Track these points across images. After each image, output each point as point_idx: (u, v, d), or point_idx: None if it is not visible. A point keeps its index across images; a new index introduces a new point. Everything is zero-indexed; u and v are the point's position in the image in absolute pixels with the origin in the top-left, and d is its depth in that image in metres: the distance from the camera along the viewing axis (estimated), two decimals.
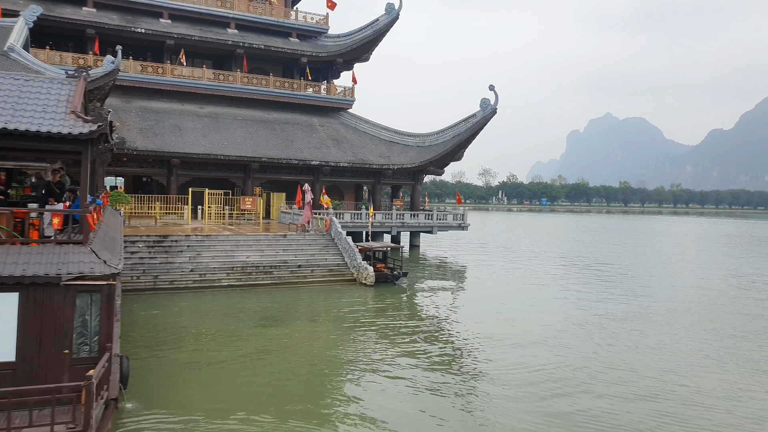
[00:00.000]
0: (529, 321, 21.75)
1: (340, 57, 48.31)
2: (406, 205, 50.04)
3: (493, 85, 43.96)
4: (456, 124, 45.76)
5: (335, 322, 20.96)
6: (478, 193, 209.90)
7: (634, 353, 17.37)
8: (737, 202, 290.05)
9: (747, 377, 15.27)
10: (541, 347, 17.85)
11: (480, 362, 16.20)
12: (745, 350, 18.13)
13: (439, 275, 34.23)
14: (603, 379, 14.79)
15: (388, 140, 48.13)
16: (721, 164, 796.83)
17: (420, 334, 19.30)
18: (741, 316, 23.72)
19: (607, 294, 28.31)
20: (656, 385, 14.38)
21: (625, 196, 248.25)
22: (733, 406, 13.19)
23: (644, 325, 21.35)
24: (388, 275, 28.88)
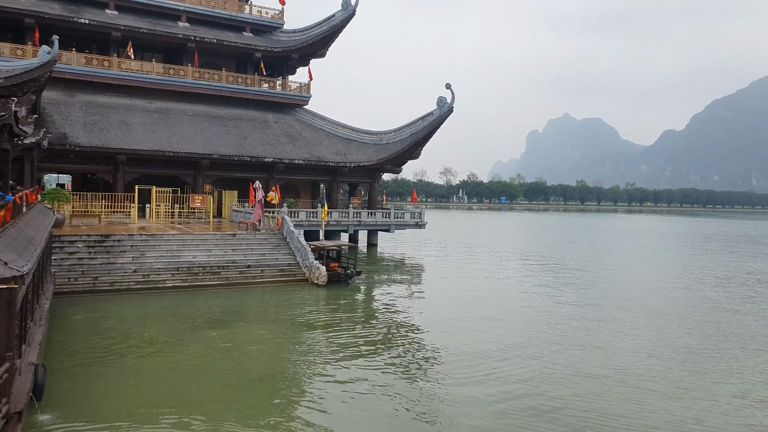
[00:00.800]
0: (481, 320, 21.51)
1: (295, 52, 47.43)
2: (364, 204, 49.53)
3: (449, 84, 43.79)
4: (413, 122, 45.45)
5: (283, 323, 20.30)
6: (439, 192, 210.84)
7: (579, 352, 17.27)
8: (688, 200, 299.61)
9: (689, 376, 15.29)
10: (492, 347, 17.60)
11: (432, 362, 15.83)
12: (689, 348, 18.25)
13: (395, 274, 33.84)
14: (548, 380, 14.59)
15: (345, 138, 47.51)
16: (673, 164, 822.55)
17: (372, 334, 18.84)
18: (688, 313, 24.03)
19: (560, 292, 28.38)
20: (596, 385, 14.25)
21: (581, 195, 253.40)
22: (673, 406, 13.12)
23: (592, 323, 21.37)
24: (341, 275, 28.31)
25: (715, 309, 24.92)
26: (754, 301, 27.41)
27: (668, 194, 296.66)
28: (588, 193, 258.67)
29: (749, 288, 31.53)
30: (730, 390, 14.26)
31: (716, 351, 17.89)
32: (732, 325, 21.66)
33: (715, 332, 20.45)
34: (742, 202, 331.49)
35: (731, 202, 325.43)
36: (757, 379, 15.20)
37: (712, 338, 19.55)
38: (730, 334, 20.30)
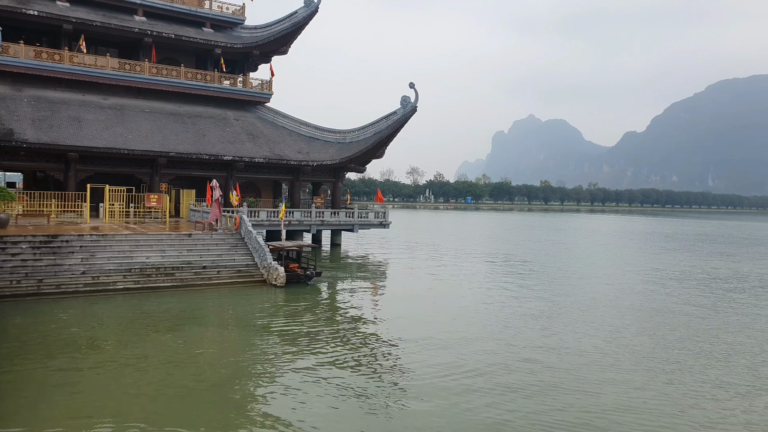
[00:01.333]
0: (441, 320, 21.27)
1: (257, 49, 46.56)
2: (327, 203, 48.94)
3: (413, 83, 43.59)
4: (377, 121, 45.11)
5: (237, 326, 19.68)
6: (405, 192, 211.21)
7: (532, 353, 17.15)
8: (648, 200, 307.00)
9: (641, 375, 15.27)
10: (452, 345, 17.34)
11: (391, 363, 15.46)
12: (642, 348, 18.31)
13: (357, 274, 33.43)
14: (502, 382, 14.39)
15: (308, 136, 46.86)
16: (634, 165, 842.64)
17: (330, 336, 18.38)
18: (646, 312, 24.23)
19: (521, 291, 28.37)
20: (548, 388, 14.12)
21: (545, 195, 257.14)
22: (626, 408, 13.04)
23: (550, 322, 21.33)
24: (300, 275, 27.75)
25: (671, 307, 25.22)
26: (710, 299, 27.87)
27: (629, 194, 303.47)
28: (552, 193, 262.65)
29: (706, 286, 32.10)
30: (680, 389, 14.27)
31: (669, 349, 17.99)
32: (686, 324, 21.90)
33: (669, 331, 20.63)
34: (699, 202, 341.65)
35: (689, 202, 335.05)
36: (707, 377, 15.28)
37: (667, 337, 19.68)
38: (684, 332, 20.49)
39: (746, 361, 16.89)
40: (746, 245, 66.03)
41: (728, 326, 21.71)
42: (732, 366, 16.40)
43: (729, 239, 76.33)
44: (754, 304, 26.72)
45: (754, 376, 15.48)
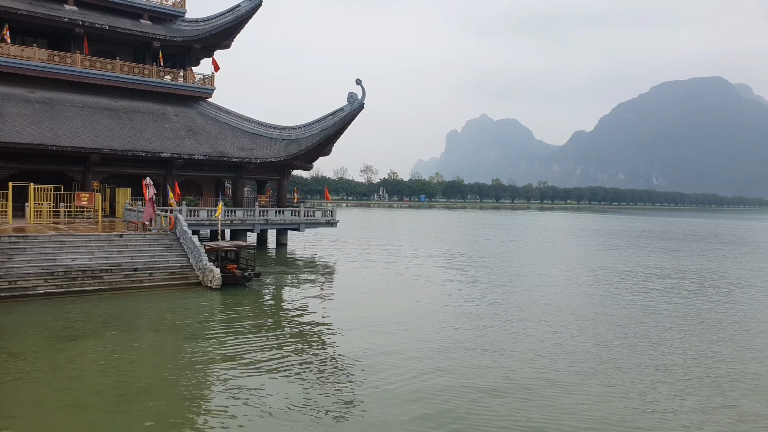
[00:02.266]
0: (383, 320, 20.69)
1: (198, 43, 44.97)
2: (273, 202, 47.79)
3: (359, 80, 43.02)
4: (323, 118, 44.29)
5: (164, 331, 18.60)
6: (359, 190, 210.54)
7: (468, 354, 16.78)
8: (595, 197, 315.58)
9: (573, 377, 15.05)
10: (391, 346, 16.77)
11: (327, 369, 14.74)
12: (578, 347, 18.18)
13: (300, 275, 32.50)
14: (438, 384, 13.91)
15: (252, 132, 45.58)
16: (583, 163, 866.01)
17: (264, 341, 17.50)
18: (585, 311, 24.26)
19: (464, 290, 28.10)
20: (478, 390, 13.74)
21: (496, 193, 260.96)
22: (556, 410, 12.74)
23: (488, 322, 21.05)
24: (237, 277, 26.70)
25: (611, 306, 25.36)
26: (650, 297, 28.23)
27: (578, 192, 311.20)
28: (503, 191, 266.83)
29: (646, 284, 32.60)
30: (615, 391, 14.09)
31: (605, 348, 17.90)
32: (624, 323, 21.97)
33: (608, 330, 20.61)
34: (644, 200, 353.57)
35: (634, 199, 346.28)
36: (640, 377, 15.17)
37: (605, 336, 19.64)
38: (621, 331, 20.52)
39: (680, 360, 16.93)
40: (688, 241, 68.11)
41: (665, 324, 21.90)
42: (666, 365, 16.38)
43: (672, 235, 78.69)
44: (692, 301, 27.19)
45: (687, 376, 15.47)
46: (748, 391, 14.20)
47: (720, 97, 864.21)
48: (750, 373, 15.76)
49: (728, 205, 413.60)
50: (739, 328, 21.18)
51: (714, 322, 22.19)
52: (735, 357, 17.29)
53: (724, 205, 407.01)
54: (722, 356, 17.27)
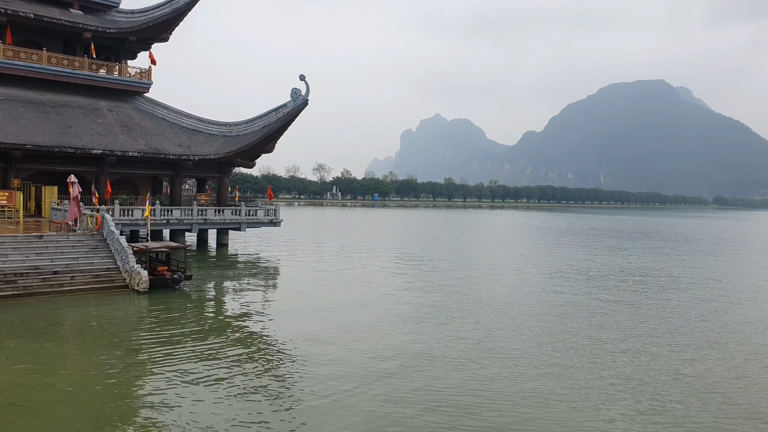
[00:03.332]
0: (320, 325, 19.95)
1: (133, 35, 43.02)
2: (214, 200, 46.27)
3: (303, 75, 42.04)
4: (266, 114, 43.10)
5: (79, 339, 17.38)
6: (312, 189, 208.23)
7: (407, 356, 16.28)
8: (545, 196, 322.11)
9: (505, 381, 14.71)
10: (318, 360, 16.04)
11: (262, 376, 13.90)
12: (511, 351, 17.91)
13: (238, 276, 31.38)
14: (378, 387, 13.30)
15: (191, 129, 43.97)
16: (533, 163, 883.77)
17: (188, 348, 16.52)
18: (524, 312, 24.12)
19: (404, 292, 27.64)
20: (408, 396, 13.21)
21: (449, 192, 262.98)
22: (479, 417, 12.31)
23: (421, 326, 20.61)
24: (167, 279, 25.45)
25: (551, 306, 25.33)
26: (591, 297, 28.39)
27: (527, 191, 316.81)
28: (455, 190, 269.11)
29: (588, 284, 32.89)
30: (541, 398, 13.78)
31: (539, 352, 17.68)
32: (559, 325, 21.90)
33: (544, 332, 20.46)
34: (591, 198, 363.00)
35: (582, 198, 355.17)
36: (570, 382, 14.94)
37: (540, 338, 19.46)
38: (557, 333, 20.40)
39: (611, 362, 16.83)
40: (634, 239, 69.74)
41: (601, 325, 21.92)
42: (595, 368, 16.24)
43: (617, 233, 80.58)
44: (633, 301, 27.46)
45: (620, 378, 15.33)
46: (684, 397, 14.13)
47: (663, 99, 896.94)
48: (686, 375, 15.76)
49: (670, 203, 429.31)
50: (678, 328, 21.39)
51: (650, 318, 22.38)
52: (671, 358, 17.32)
53: (667, 204, 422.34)
54: (656, 355, 17.29)
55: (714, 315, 23.61)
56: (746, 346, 18.65)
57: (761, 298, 28.43)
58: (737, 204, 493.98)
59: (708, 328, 21.04)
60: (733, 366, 16.36)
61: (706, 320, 22.49)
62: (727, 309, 25.04)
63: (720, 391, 14.09)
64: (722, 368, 16.04)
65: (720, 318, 23.05)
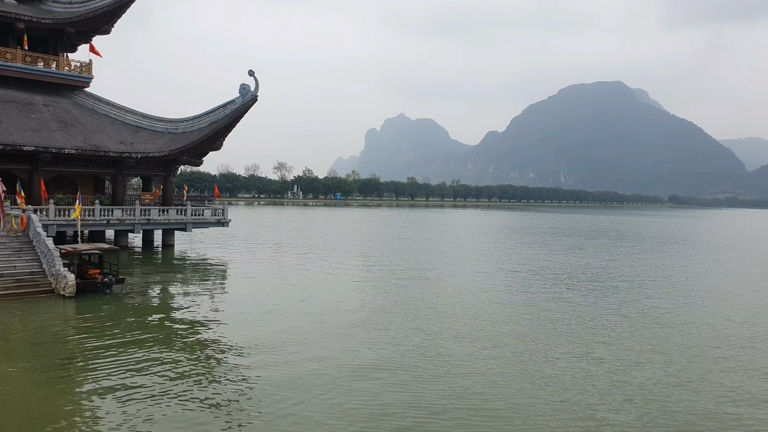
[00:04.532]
0: (259, 327, 18.99)
1: (72, 26, 41.03)
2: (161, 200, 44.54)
3: (252, 71, 40.81)
4: (213, 110, 41.66)
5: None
6: (272, 188, 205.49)
7: (346, 356, 15.51)
8: (505, 195, 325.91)
9: (432, 399, 14.08)
10: (264, 354, 15.11)
11: (194, 387, 12.87)
12: (448, 359, 17.33)
13: (180, 278, 30.03)
14: (326, 398, 12.47)
15: (135, 125, 42.23)
16: (495, 162, 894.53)
17: (112, 359, 15.35)
18: (468, 314, 23.64)
19: (349, 295, 26.85)
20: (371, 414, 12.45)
21: (412, 191, 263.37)
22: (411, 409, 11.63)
23: (364, 332, 19.87)
24: (97, 283, 24.06)
25: (499, 308, 24.92)
26: (543, 298, 28.11)
27: (489, 190, 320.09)
28: (418, 190, 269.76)
29: (542, 284, 32.67)
30: (470, 410, 13.18)
31: (480, 358, 17.15)
32: (501, 330, 21.46)
33: (484, 337, 19.96)
34: (551, 197, 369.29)
35: (542, 197, 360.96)
36: (505, 393, 14.39)
37: (483, 344, 18.95)
38: (501, 339, 19.93)
39: (550, 370, 16.38)
40: (590, 237, 70.42)
41: (545, 329, 21.57)
42: (528, 371, 15.77)
43: (575, 232, 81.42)
44: (582, 301, 27.26)
45: (560, 384, 14.86)
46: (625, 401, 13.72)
47: (621, 100, 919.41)
48: (625, 383, 15.40)
49: (627, 202, 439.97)
50: (623, 330, 21.17)
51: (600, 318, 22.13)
52: (612, 363, 16.98)
53: (624, 202, 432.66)
54: (601, 358, 16.93)
55: (660, 316, 23.53)
56: (688, 349, 18.49)
57: (706, 298, 28.64)
58: (691, 203, 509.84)
59: (653, 334, 20.87)
60: (674, 372, 16.10)
61: (653, 324, 22.37)
62: (674, 310, 25.05)
63: (659, 399, 13.74)
64: (663, 373, 15.72)
65: (666, 318, 22.97)
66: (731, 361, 16.97)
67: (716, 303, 26.79)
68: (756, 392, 14.31)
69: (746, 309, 25.46)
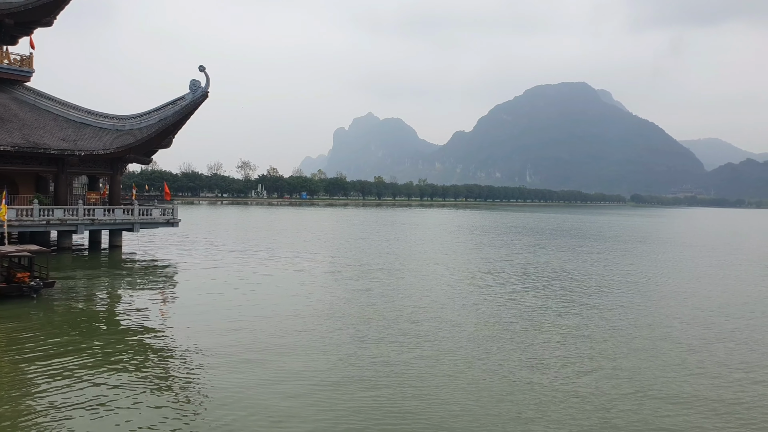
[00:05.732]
0: (202, 333, 18.02)
1: (10, 17, 39.08)
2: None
3: (203, 66, 39.65)
4: (163, 107, 40.37)
5: None
6: (236, 187, 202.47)
7: (290, 358, 14.75)
8: (471, 194, 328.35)
9: (363, 394, 13.46)
10: (202, 358, 14.18)
11: (124, 398, 11.87)
12: (381, 366, 16.74)
13: (120, 280, 28.66)
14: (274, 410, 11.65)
15: (79, 122, 40.57)
16: (463, 162, 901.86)
17: (35, 370, 14.20)
18: (414, 319, 23.09)
19: (298, 299, 26.03)
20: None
21: (378, 190, 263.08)
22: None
23: (320, 325, 19.13)
24: (22, 287, 22.71)
25: (452, 311, 24.43)
26: (503, 299, 27.74)
27: (455, 189, 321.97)
28: (384, 189, 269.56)
29: (497, 286, 32.34)
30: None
31: (417, 363, 16.58)
32: (445, 335, 20.97)
33: (427, 343, 19.42)
34: (516, 196, 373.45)
35: (508, 196, 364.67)
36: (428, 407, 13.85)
37: (422, 348, 18.39)
38: (441, 345, 19.41)
39: (487, 381, 15.91)
40: (553, 236, 70.74)
41: (495, 334, 21.15)
42: (463, 382, 15.27)
43: (538, 231, 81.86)
44: (538, 304, 26.97)
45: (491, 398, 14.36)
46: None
47: (585, 101, 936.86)
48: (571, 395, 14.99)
49: (591, 201, 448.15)
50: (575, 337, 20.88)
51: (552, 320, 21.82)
52: (558, 370, 16.58)
53: (588, 201, 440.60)
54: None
55: (614, 318, 23.35)
56: (636, 353, 18.26)
57: (661, 299, 28.71)
58: (652, 202, 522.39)
59: (604, 336, 20.65)
60: (618, 382, 15.80)
61: (605, 325, 22.17)
62: (627, 310, 24.94)
63: (601, 410, 13.36)
64: (609, 383, 15.39)
65: (617, 319, 22.80)
66: (682, 367, 16.76)
67: (669, 303, 26.82)
68: (704, 395, 14.05)
69: (701, 309, 25.51)
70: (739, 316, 23.98)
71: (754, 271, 40.24)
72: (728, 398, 13.84)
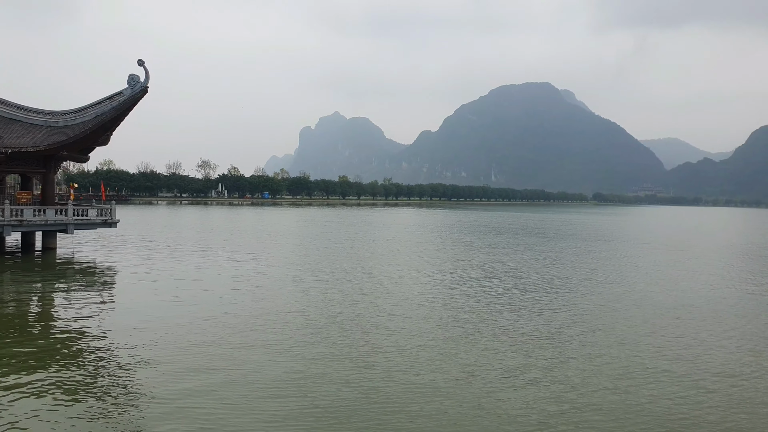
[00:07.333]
0: (125, 333, 16.27)
1: None
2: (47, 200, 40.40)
3: (142, 60, 37.76)
4: (99, 102, 38.26)
5: None
6: (195, 186, 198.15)
7: (237, 365, 13.19)
8: (436, 194, 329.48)
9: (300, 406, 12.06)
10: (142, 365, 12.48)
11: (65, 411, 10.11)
12: (320, 378, 15.37)
13: (55, 286, 26.50)
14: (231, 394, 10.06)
15: (7, 117, 38.07)
16: (429, 162, 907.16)
17: None
18: (361, 324, 21.80)
19: (245, 304, 24.41)
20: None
21: (343, 190, 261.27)
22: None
23: (270, 329, 17.58)
24: None
25: (403, 319, 23.18)
26: (461, 302, 26.67)
27: (420, 189, 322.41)
28: (349, 188, 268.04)
29: (454, 289, 31.30)
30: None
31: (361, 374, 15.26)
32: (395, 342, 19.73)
33: (371, 353, 18.13)
34: (480, 195, 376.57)
35: (472, 195, 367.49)
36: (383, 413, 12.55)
37: (360, 360, 17.08)
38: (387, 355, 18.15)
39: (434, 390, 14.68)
40: (516, 235, 70.27)
41: (451, 337, 19.97)
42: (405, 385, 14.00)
43: (500, 230, 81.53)
44: (496, 309, 25.95)
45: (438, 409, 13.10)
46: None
47: (548, 101, 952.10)
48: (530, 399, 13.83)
49: (554, 200, 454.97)
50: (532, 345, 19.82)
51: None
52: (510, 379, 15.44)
53: (551, 200, 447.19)
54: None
55: (571, 323, 22.42)
56: (590, 359, 17.28)
57: (617, 299, 28.01)
58: (613, 200, 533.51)
59: (560, 341, 19.65)
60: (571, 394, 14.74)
61: (560, 327, 21.19)
62: (586, 311, 24.07)
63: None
64: (558, 388, 14.33)
65: (575, 321, 21.87)
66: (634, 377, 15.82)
67: (627, 305, 26.10)
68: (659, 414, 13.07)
69: (664, 312, 24.83)
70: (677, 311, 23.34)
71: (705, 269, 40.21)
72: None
